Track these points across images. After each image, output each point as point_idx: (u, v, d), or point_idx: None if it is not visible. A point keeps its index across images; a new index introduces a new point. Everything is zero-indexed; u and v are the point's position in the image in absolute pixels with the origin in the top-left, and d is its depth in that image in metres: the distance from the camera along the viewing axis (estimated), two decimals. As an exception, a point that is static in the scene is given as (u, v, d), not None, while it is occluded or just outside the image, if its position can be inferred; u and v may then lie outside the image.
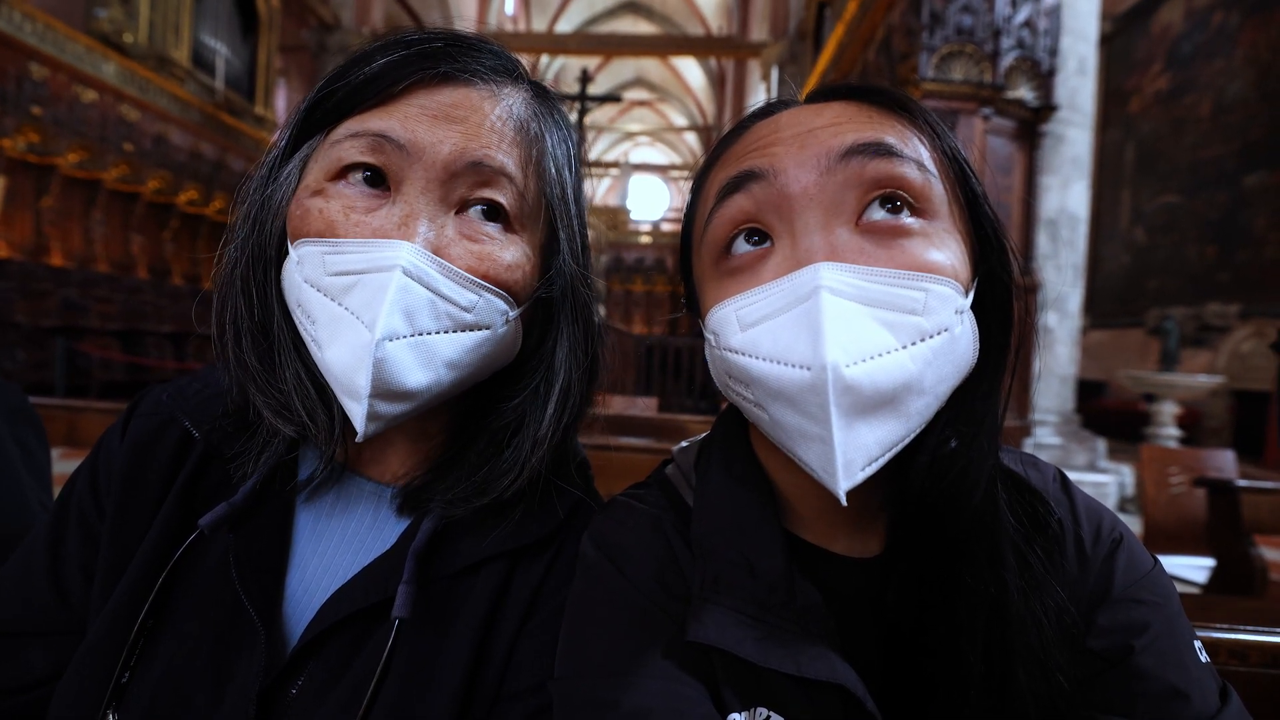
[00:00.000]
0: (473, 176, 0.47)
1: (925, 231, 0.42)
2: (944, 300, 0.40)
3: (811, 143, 0.43)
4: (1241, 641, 0.71)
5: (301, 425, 0.49)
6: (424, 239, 0.45)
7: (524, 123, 0.50)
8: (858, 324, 0.38)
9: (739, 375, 0.43)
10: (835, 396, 0.37)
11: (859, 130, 0.43)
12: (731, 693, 0.43)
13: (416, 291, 0.44)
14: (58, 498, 0.55)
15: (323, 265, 0.45)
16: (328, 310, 0.44)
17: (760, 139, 0.46)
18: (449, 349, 0.46)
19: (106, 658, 0.47)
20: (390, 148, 0.46)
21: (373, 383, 0.42)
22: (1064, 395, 4.97)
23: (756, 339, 0.41)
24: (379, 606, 0.49)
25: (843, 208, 0.42)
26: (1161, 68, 9.15)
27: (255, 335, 0.50)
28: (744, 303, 0.43)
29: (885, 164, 0.42)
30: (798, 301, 0.40)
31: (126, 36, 8.66)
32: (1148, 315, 8.91)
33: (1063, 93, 4.80)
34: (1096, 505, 0.52)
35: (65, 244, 8.14)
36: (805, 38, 10.04)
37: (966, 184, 0.45)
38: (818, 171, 0.42)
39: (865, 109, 0.45)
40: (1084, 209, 5.06)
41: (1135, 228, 9.59)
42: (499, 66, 0.51)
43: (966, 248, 0.44)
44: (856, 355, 0.37)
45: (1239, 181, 7.80)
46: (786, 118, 0.46)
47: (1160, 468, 2.61)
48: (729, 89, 19.25)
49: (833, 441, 0.37)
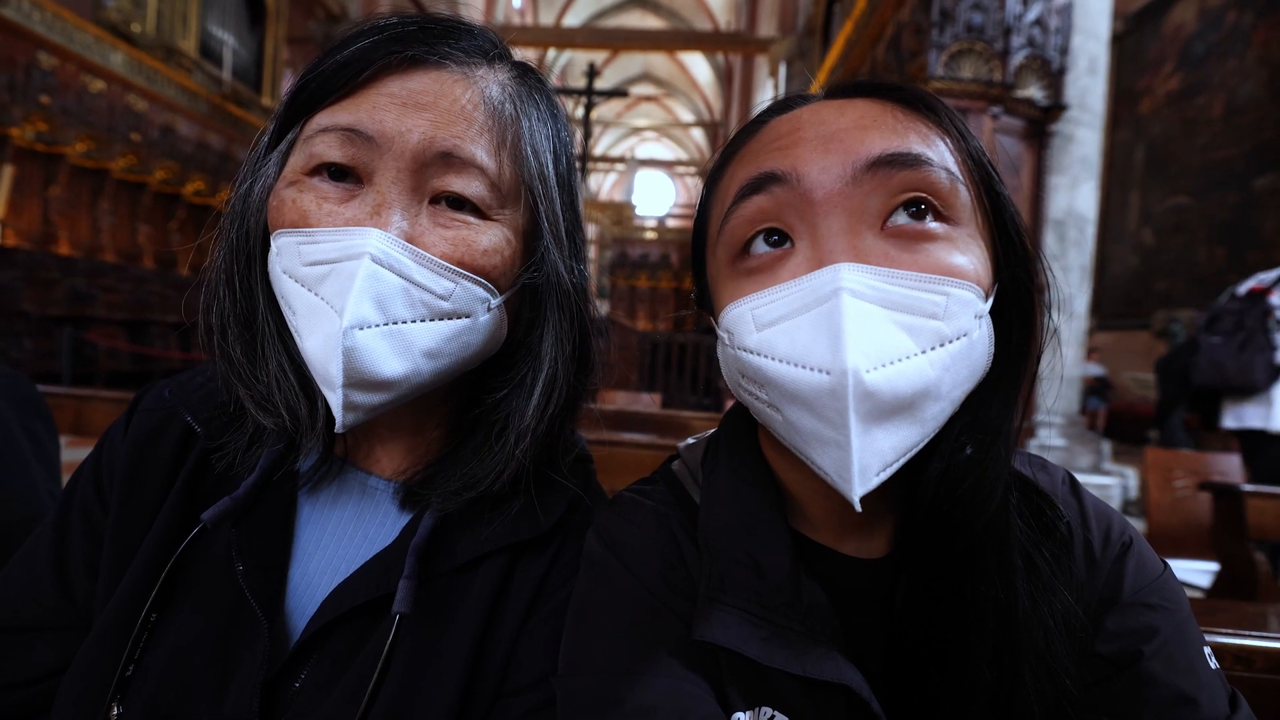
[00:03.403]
0: (443, 165, 0.46)
1: (950, 236, 0.41)
2: (964, 305, 0.40)
3: (836, 146, 0.42)
4: (1246, 647, 0.71)
5: (280, 418, 0.49)
6: (397, 228, 0.45)
7: (498, 105, 0.49)
8: (878, 327, 0.38)
9: (753, 375, 0.42)
10: (855, 402, 0.36)
11: (886, 137, 0.42)
12: (736, 692, 0.43)
13: (387, 279, 0.43)
14: (62, 493, 0.55)
15: (299, 255, 0.45)
16: (305, 300, 0.44)
17: (781, 136, 0.44)
18: (426, 338, 0.45)
19: (110, 651, 0.47)
20: (360, 140, 0.45)
21: (345, 371, 0.42)
22: (1069, 397, 4.94)
23: (773, 339, 0.40)
24: (381, 601, 0.49)
25: (867, 214, 0.41)
26: (1173, 68, 9.06)
27: (238, 327, 0.50)
28: (761, 301, 0.42)
29: (913, 174, 0.41)
30: (817, 302, 0.39)
31: (134, 26, 8.68)
32: (1154, 317, 8.85)
33: (1073, 92, 4.76)
34: (1106, 508, 0.51)
35: (72, 233, 8.18)
36: (814, 34, 9.98)
37: (991, 188, 0.44)
38: (843, 180, 0.41)
39: (890, 108, 0.44)
40: (1092, 210, 5.02)
41: (1144, 229, 9.52)
42: (474, 48, 0.50)
43: (989, 252, 0.43)
44: (877, 360, 0.37)
45: (1249, 183, 7.73)
46: (808, 114, 0.45)
47: (1164, 471, 2.59)
48: (736, 85, 19.16)
49: (850, 447, 0.36)
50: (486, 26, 0.53)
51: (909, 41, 5.35)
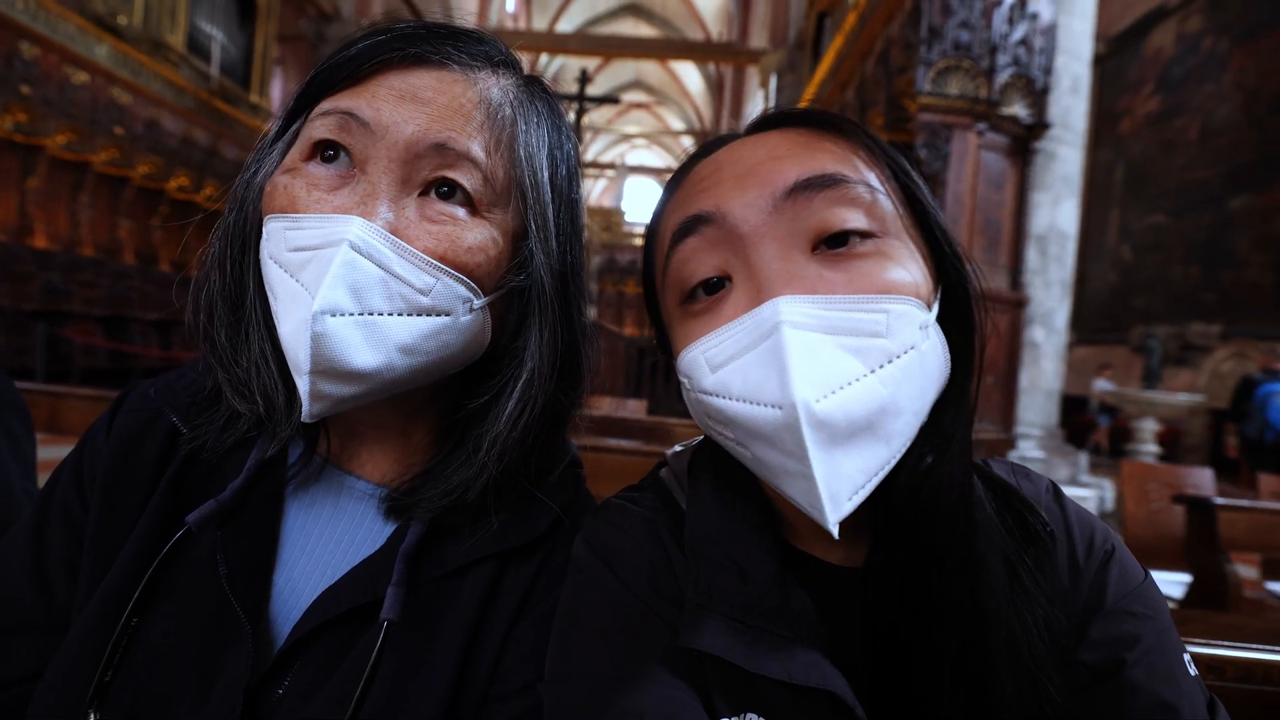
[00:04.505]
0: (435, 158, 0.46)
1: (880, 250, 0.42)
2: (906, 319, 0.40)
3: (754, 181, 0.44)
4: (1219, 657, 0.73)
5: (255, 404, 0.49)
6: (383, 219, 0.44)
7: (496, 106, 0.49)
8: (823, 355, 0.38)
9: (716, 417, 0.43)
10: (810, 433, 0.37)
11: (800, 164, 0.43)
12: (722, 698, 0.43)
13: (365, 268, 0.43)
14: (40, 493, 0.54)
15: (284, 241, 0.45)
16: (286, 285, 0.44)
17: (704, 179, 0.47)
18: (402, 332, 0.45)
19: (89, 655, 0.46)
20: (356, 126, 0.45)
21: (312, 357, 0.41)
22: (1049, 409, 5.02)
23: (727, 380, 0.41)
24: (368, 607, 0.48)
25: (795, 239, 0.42)
26: (1152, 90, 9.30)
27: (225, 311, 0.50)
28: (710, 344, 0.43)
29: (833, 193, 0.42)
30: (761, 338, 0.40)
31: (121, 19, 8.56)
32: (1132, 333, 9.04)
33: (1056, 111, 4.86)
34: (1089, 516, 0.52)
35: (50, 226, 8.02)
36: (804, 47, 10.11)
37: (915, 197, 0.46)
38: (766, 211, 0.43)
39: (804, 135, 0.46)
40: (1073, 226, 5.13)
41: (1122, 246, 9.73)
42: (480, 53, 0.51)
43: (926, 260, 0.45)
44: (825, 388, 0.37)
45: (1225, 204, 7.94)
46: (725, 155, 0.47)
47: (1140, 483, 2.64)
48: (727, 94, 19.33)
49: (814, 477, 0.37)
50: (497, 36, 0.54)
51: (898, 57, 5.44)
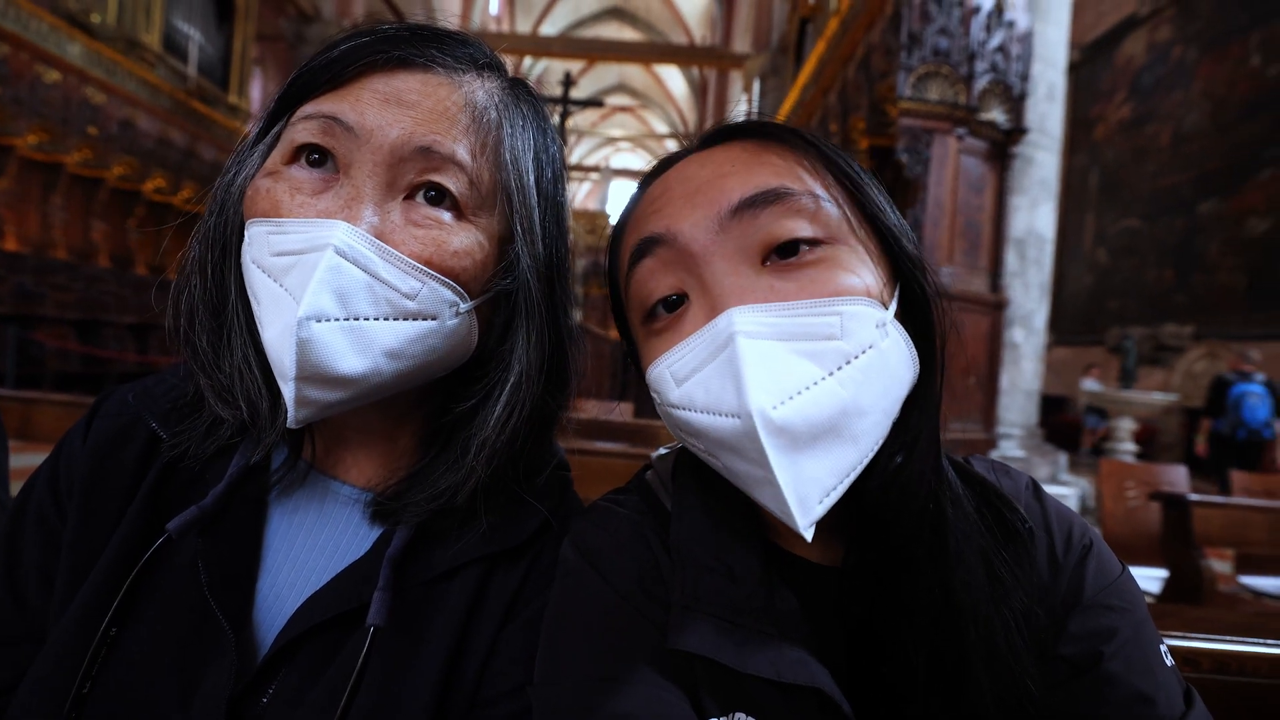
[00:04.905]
0: (421, 162, 0.46)
1: (829, 256, 0.43)
2: (861, 319, 0.41)
3: (701, 200, 0.45)
4: (1194, 649, 0.75)
5: (239, 410, 0.49)
6: (368, 223, 0.44)
7: (481, 110, 0.49)
8: (778, 362, 0.39)
9: (685, 428, 0.44)
10: (769, 440, 0.37)
11: (743, 181, 0.44)
12: (710, 697, 0.44)
13: (351, 273, 0.43)
14: (14, 502, 0.53)
15: (267, 245, 0.44)
16: (269, 291, 0.43)
17: (655, 200, 0.48)
18: (389, 337, 0.44)
19: (66, 666, 0.45)
20: (340, 130, 0.45)
21: (298, 363, 0.41)
22: (1029, 409, 5.10)
23: (691, 392, 0.42)
24: (353, 613, 0.48)
25: (745, 255, 0.43)
26: (1124, 97, 9.53)
27: (207, 316, 0.49)
28: (674, 358, 0.44)
29: (778, 207, 0.43)
30: (718, 350, 0.41)
31: (94, 17, 8.40)
32: (1108, 334, 9.24)
33: (1033, 117, 4.96)
34: (1067, 512, 0.53)
35: (21, 228, 7.83)
36: (787, 51, 10.21)
37: (863, 198, 0.46)
38: (714, 230, 0.44)
39: (749, 149, 0.47)
40: (1051, 230, 5.23)
41: (1098, 249, 9.95)
42: (465, 55, 0.51)
43: (880, 260, 0.45)
44: (780, 395, 0.38)
45: (1195, 209, 8.16)
46: (674, 175, 0.48)
47: (1118, 481, 2.70)
48: (710, 98, 19.43)
49: (779, 483, 0.37)
50: (481, 38, 0.54)
51: (879, 63, 5.52)
